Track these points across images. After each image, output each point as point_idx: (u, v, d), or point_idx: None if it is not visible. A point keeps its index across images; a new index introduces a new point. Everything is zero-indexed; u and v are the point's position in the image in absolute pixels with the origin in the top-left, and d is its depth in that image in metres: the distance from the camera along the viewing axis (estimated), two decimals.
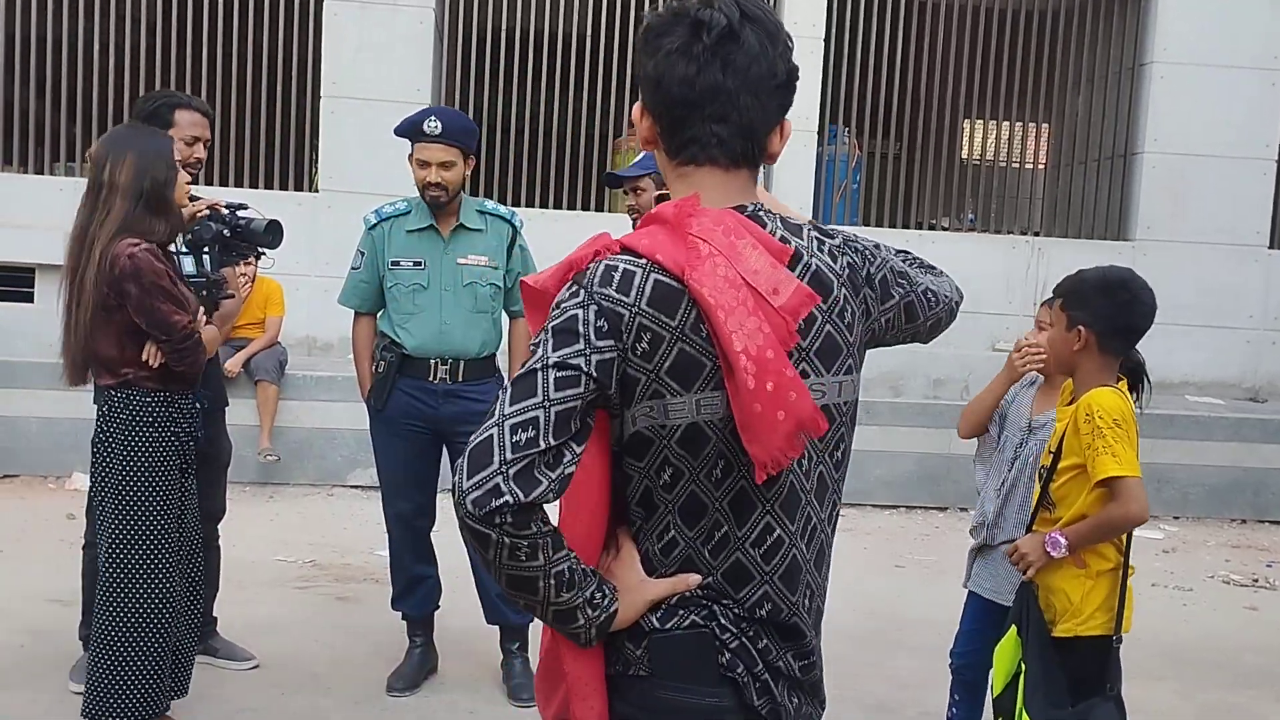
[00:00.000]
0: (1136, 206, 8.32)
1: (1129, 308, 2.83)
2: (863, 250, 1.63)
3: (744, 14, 1.52)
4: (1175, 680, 4.42)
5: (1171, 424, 7.03)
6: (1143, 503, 2.71)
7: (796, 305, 1.46)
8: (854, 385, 1.59)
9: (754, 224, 1.51)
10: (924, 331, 1.74)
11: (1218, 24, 8.14)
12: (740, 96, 1.52)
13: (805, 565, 1.56)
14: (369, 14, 7.77)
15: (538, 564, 1.43)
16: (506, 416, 1.41)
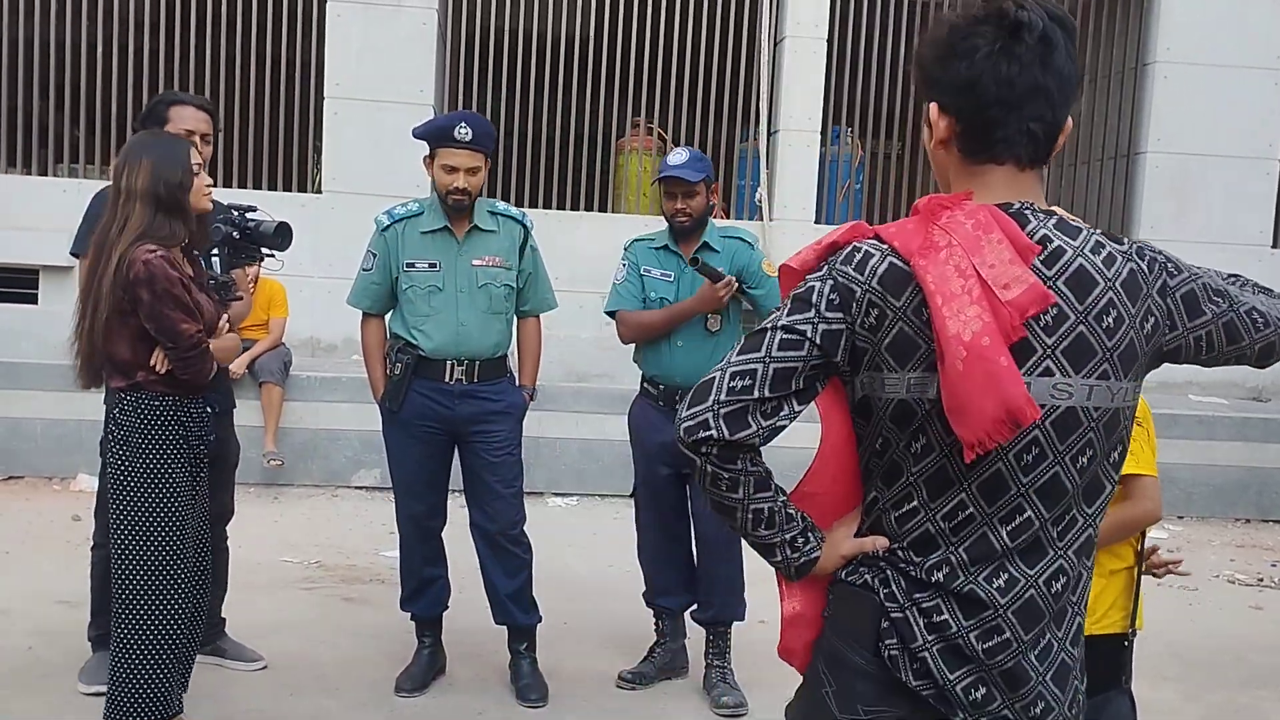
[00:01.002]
0: (1140, 206, 8.33)
1: None
2: (1161, 262, 1.63)
3: (1050, 15, 1.57)
4: (1181, 680, 4.42)
5: (1175, 424, 7.04)
6: (1156, 502, 2.72)
7: (1026, 303, 1.49)
8: (1112, 392, 1.57)
9: (1010, 220, 1.55)
10: (1253, 354, 1.72)
11: (1221, 24, 8.14)
12: (1055, 95, 1.57)
13: (1004, 547, 1.57)
14: (372, 15, 7.78)
15: (736, 497, 1.61)
16: (731, 364, 1.58)
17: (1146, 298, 1.59)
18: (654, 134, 8.67)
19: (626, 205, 8.69)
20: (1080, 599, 1.64)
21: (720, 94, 8.47)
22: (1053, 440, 1.55)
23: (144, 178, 3.11)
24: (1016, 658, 1.57)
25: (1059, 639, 1.61)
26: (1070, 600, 1.62)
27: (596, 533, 5.85)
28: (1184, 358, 1.68)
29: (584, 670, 4.19)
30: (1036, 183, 1.64)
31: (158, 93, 7.56)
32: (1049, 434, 1.54)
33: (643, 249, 4.13)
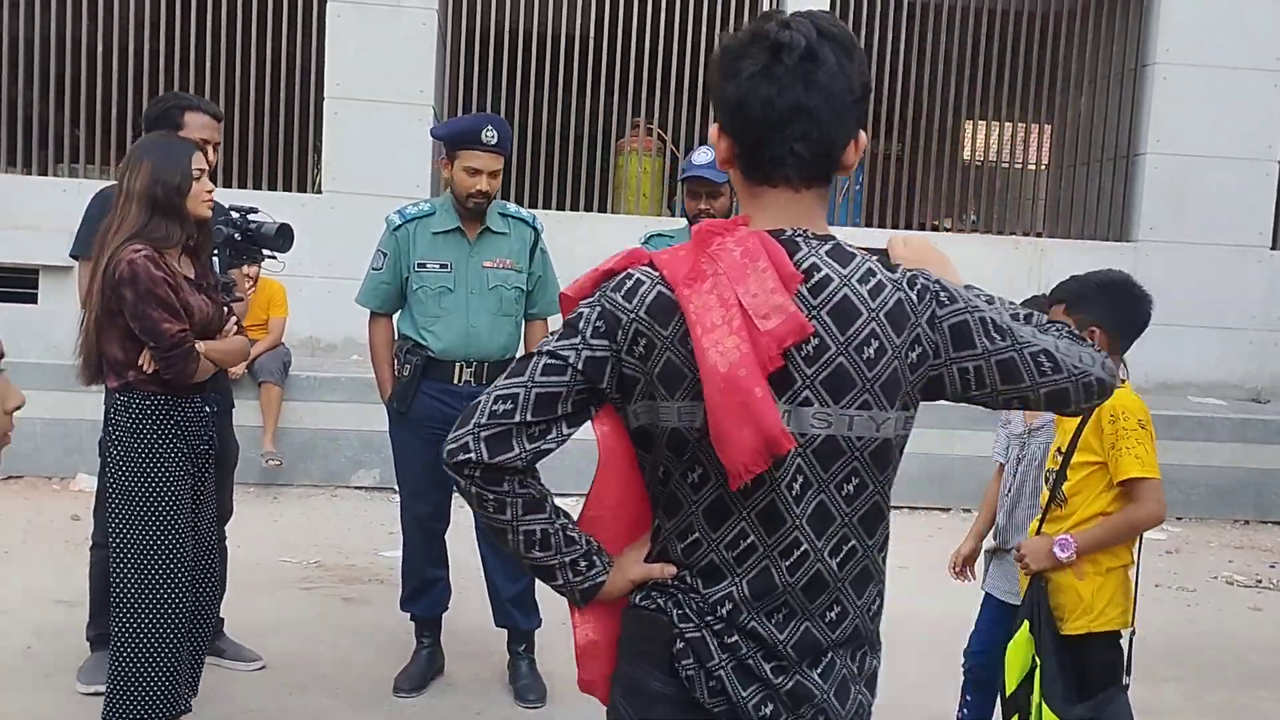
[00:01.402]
0: (1139, 207, 8.33)
1: (1136, 307, 2.88)
2: (934, 292, 1.60)
3: (820, 31, 1.55)
4: (1180, 681, 4.42)
5: (1174, 425, 7.03)
6: (1160, 505, 2.75)
7: (784, 334, 1.49)
8: (876, 422, 1.56)
9: (779, 248, 1.53)
10: (1038, 399, 1.65)
11: (1221, 25, 8.15)
12: (821, 114, 1.55)
13: (784, 584, 1.58)
14: (371, 15, 7.78)
15: (504, 518, 1.61)
16: (496, 388, 1.61)
17: (915, 327, 1.57)
18: (654, 134, 8.67)
19: (626, 205, 8.69)
20: (865, 618, 1.69)
21: None
22: (815, 469, 1.55)
23: (142, 179, 3.13)
24: (798, 678, 1.60)
25: (842, 657, 1.66)
26: (850, 625, 1.66)
27: None
28: (949, 391, 1.63)
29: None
30: (816, 203, 1.61)
31: (158, 93, 7.59)
32: (811, 463, 1.55)
33: (663, 244, 4.10)
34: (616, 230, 8.02)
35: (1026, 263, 8.11)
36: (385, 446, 6.49)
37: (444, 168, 3.89)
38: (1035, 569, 2.85)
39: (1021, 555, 2.89)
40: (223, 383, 3.86)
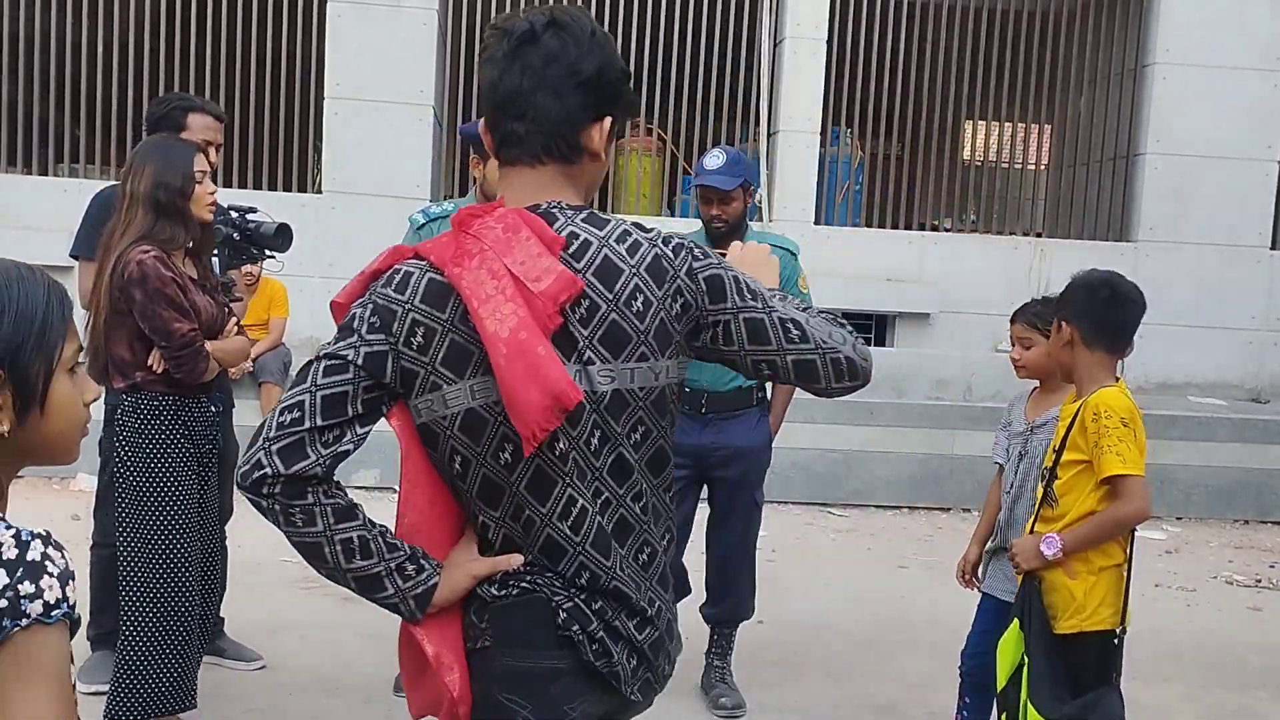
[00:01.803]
0: (1139, 208, 8.33)
1: (1110, 303, 2.88)
2: (689, 248, 1.69)
3: (552, 21, 1.63)
4: (1179, 681, 4.42)
5: (1174, 425, 7.04)
6: (1145, 501, 2.75)
7: (556, 290, 1.54)
8: (654, 372, 1.64)
9: (538, 219, 1.61)
10: (786, 369, 1.71)
11: (1220, 25, 8.15)
12: (536, 95, 1.63)
13: (609, 534, 1.65)
14: (372, 15, 7.79)
15: (316, 530, 1.59)
16: (280, 402, 1.60)
17: (674, 279, 1.65)
18: (654, 134, 8.67)
19: (626, 206, 8.69)
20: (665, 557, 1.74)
21: (720, 94, 8.48)
22: (609, 423, 1.62)
23: (145, 182, 3.15)
24: (656, 633, 1.70)
25: (662, 598, 1.73)
26: (659, 564, 1.72)
27: None
28: (703, 341, 1.70)
29: None
30: (560, 179, 1.68)
31: (158, 93, 7.59)
32: (604, 418, 1.61)
33: None
34: None
35: (1026, 263, 8.11)
36: (385, 446, 6.50)
37: (475, 166, 3.85)
38: (1026, 568, 2.86)
39: (1013, 554, 2.90)
40: (223, 383, 3.86)
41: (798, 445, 6.88)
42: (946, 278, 8.15)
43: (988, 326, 8.07)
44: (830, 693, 4.18)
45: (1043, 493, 2.91)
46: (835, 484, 6.99)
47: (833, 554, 6.06)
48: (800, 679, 4.26)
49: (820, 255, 7.88)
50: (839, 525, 6.65)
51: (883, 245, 8.31)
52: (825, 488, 6.98)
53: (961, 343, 8.13)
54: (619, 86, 1.69)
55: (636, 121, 8.56)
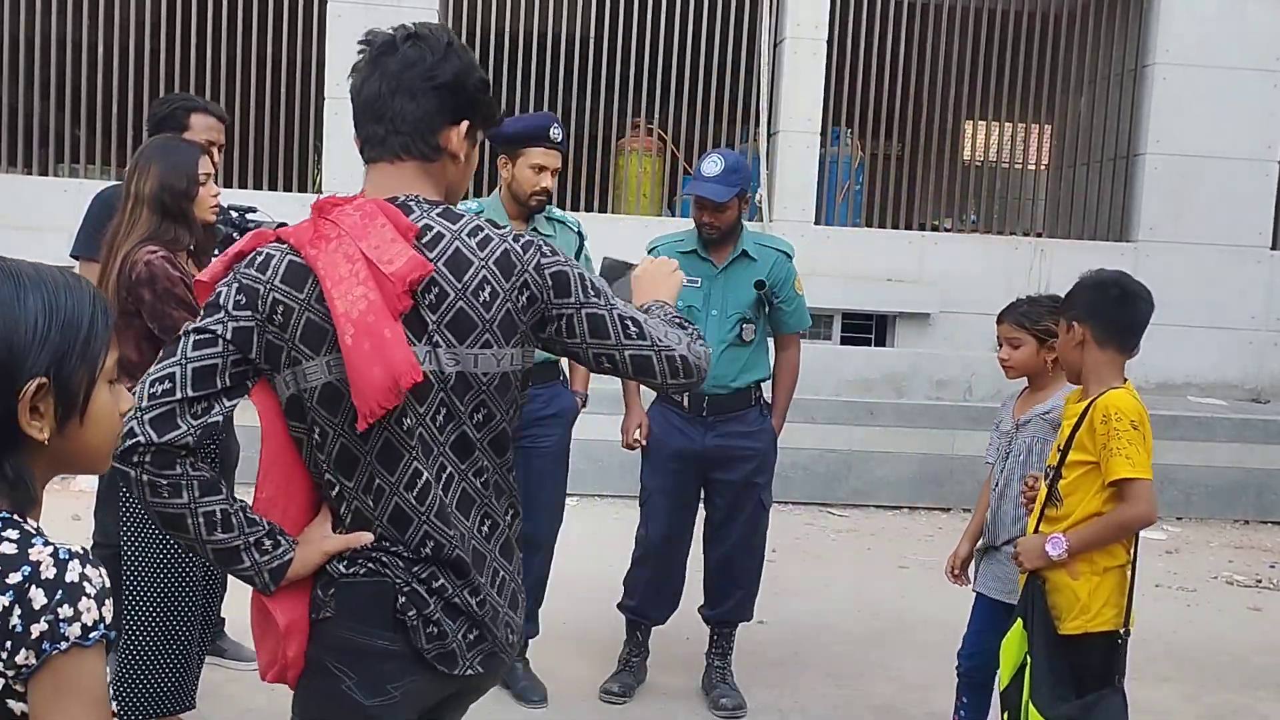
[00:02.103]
0: (1138, 208, 8.33)
1: (1121, 302, 2.89)
2: (538, 245, 1.83)
3: (412, 34, 1.78)
4: (1179, 681, 4.43)
5: (1174, 425, 7.04)
6: (1152, 504, 2.76)
7: (406, 271, 1.66)
8: (496, 359, 1.77)
9: (394, 209, 1.74)
10: (625, 364, 1.85)
11: (1220, 26, 8.15)
12: (394, 99, 1.78)
13: (453, 506, 1.76)
14: (372, 15, 7.78)
15: (181, 501, 1.66)
16: (150, 374, 1.68)
17: (522, 274, 1.78)
18: (654, 134, 8.67)
19: (626, 206, 8.70)
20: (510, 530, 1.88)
21: (720, 95, 8.48)
22: (455, 403, 1.74)
23: (151, 183, 3.16)
24: (489, 601, 1.81)
25: (505, 569, 1.86)
26: (500, 535, 1.85)
27: (596, 533, 5.86)
28: (549, 333, 1.83)
29: (582, 670, 4.20)
30: (419, 176, 1.81)
31: (159, 93, 7.59)
32: (450, 398, 1.73)
33: (669, 251, 3.97)
34: (617, 230, 8.03)
35: (1026, 263, 8.11)
36: None
37: (503, 167, 3.85)
38: (1029, 567, 2.86)
39: (1016, 553, 2.90)
40: None
41: (798, 445, 6.88)
42: (947, 278, 8.15)
43: (988, 327, 8.00)
44: (830, 693, 4.18)
45: (1046, 492, 2.91)
46: (835, 484, 6.99)
47: (833, 554, 6.06)
48: (800, 679, 4.26)
49: (820, 255, 7.89)
50: (839, 525, 6.65)
51: (883, 245, 8.31)
52: (825, 488, 6.98)
53: (962, 343, 8.13)
54: (476, 94, 1.83)
55: (637, 122, 8.56)
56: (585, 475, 6.53)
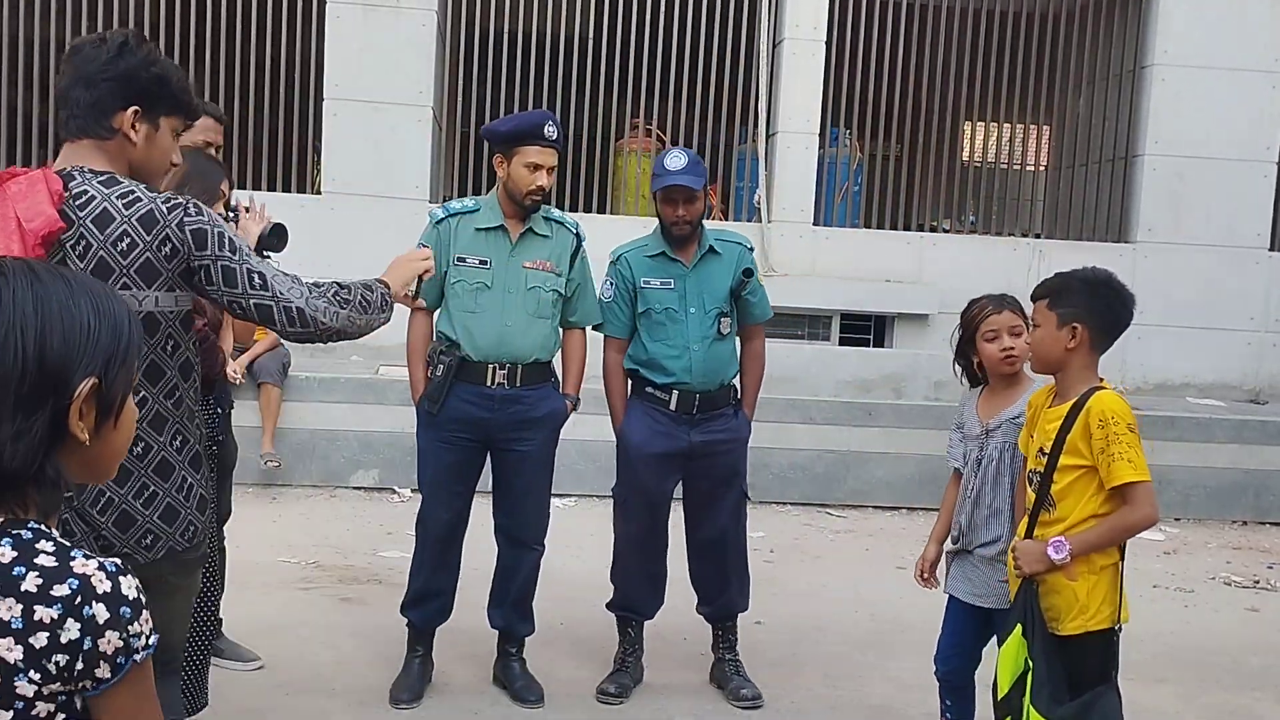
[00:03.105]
0: (1137, 209, 8.34)
1: (1117, 305, 2.89)
2: (184, 205, 2.24)
3: (100, 38, 2.24)
4: (1176, 682, 4.43)
5: (1172, 426, 7.05)
6: (1154, 507, 2.79)
7: (39, 228, 2.06)
8: (137, 299, 2.17)
9: (56, 178, 2.14)
10: (250, 308, 2.30)
11: (1219, 27, 8.16)
12: (74, 88, 2.23)
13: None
14: (372, 16, 7.79)
15: None
16: None
17: (164, 229, 2.20)
18: (653, 135, 8.68)
19: (625, 207, 8.70)
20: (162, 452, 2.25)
21: (719, 96, 8.49)
22: None
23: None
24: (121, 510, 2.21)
25: (162, 487, 2.25)
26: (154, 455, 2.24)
27: (594, 534, 5.86)
28: (196, 282, 2.27)
29: (579, 671, 4.20)
30: (95, 152, 2.24)
31: None
32: None
33: (637, 259, 4.01)
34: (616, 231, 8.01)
35: (1025, 264, 8.11)
36: (384, 447, 6.55)
37: (499, 165, 3.85)
38: (1029, 572, 2.84)
39: (1016, 559, 2.89)
40: (223, 385, 3.87)
41: (796, 446, 6.88)
42: (946, 278, 8.15)
43: None
44: (827, 693, 4.18)
45: (1036, 496, 2.90)
46: (834, 485, 6.99)
47: (831, 555, 6.06)
48: (798, 679, 4.26)
49: (819, 256, 7.90)
50: (837, 526, 6.65)
51: (882, 246, 8.31)
52: (824, 488, 6.98)
53: None
54: (148, 85, 2.24)
55: (636, 122, 8.56)
56: (584, 475, 6.54)
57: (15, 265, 1.30)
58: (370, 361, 7.32)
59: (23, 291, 1.26)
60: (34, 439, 1.23)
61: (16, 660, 1.18)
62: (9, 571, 1.20)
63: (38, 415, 1.24)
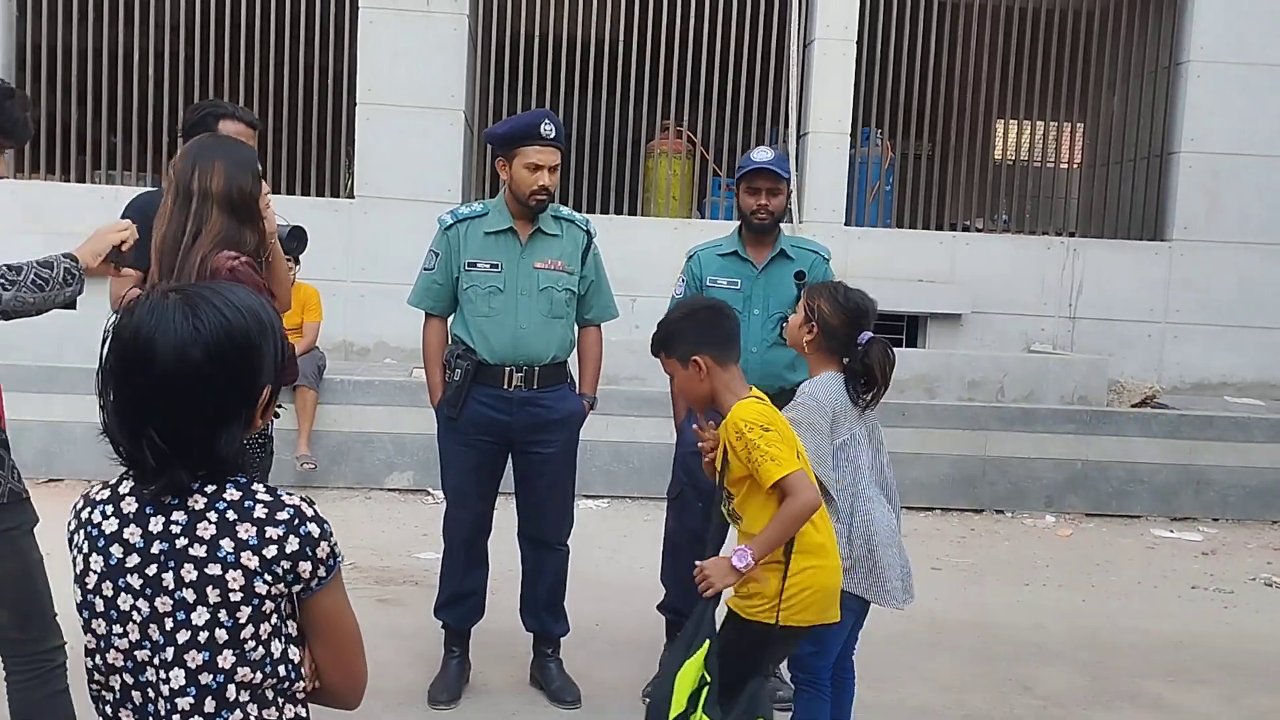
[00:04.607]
0: (1173, 206, 8.26)
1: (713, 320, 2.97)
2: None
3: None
4: (1217, 684, 4.38)
5: (1211, 425, 6.98)
6: (813, 491, 2.78)
7: None
8: None
9: None
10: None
11: (1255, 22, 8.07)
12: None
13: None
14: (403, 22, 7.84)
15: None
16: None
17: None
18: (683, 137, 8.68)
19: (656, 208, 8.71)
20: None
21: (749, 96, 8.48)
22: None
23: (219, 181, 2.93)
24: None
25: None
26: None
27: (627, 535, 5.87)
28: None
29: (616, 672, 4.21)
30: None
31: (193, 100, 7.68)
32: None
33: (708, 257, 4.04)
34: (646, 233, 8.05)
35: (1059, 263, 8.06)
36: (419, 449, 6.58)
37: (501, 169, 3.86)
38: (721, 587, 2.83)
39: (705, 577, 2.84)
40: None
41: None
42: (978, 278, 8.11)
43: (1021, 327, 8.02)
44: (864, 695, 4.16)
45: (726, 514, 2.94)
46: None
47: None
48: None
49: (851, 256, 7.88)
50: None
51: (914, 246, 8.28)
52: None
53: (994, 343, 8.09)
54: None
55: (666, 124, 8.58)
56: (616, 477, 6.55)
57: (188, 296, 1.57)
58: (404, 364, 7.36)
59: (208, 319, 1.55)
60: (237, 436, 1.61)
61: (255, 566, 1.57)
62: (241, 505, 1.59)
63: (243, 418, 1.61)
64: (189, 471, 1.59)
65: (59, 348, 7.00)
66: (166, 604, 1.59)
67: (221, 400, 1.58)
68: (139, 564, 1.62)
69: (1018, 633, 4.80)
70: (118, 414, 1.60)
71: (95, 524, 1.70)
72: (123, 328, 1.58)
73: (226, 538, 1.58)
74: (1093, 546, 6.34)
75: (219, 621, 1.57)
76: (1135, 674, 4.34)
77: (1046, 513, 6.88)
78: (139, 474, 1.63)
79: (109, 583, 1.65)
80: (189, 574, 1.58)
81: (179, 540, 1.59)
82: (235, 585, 1.57)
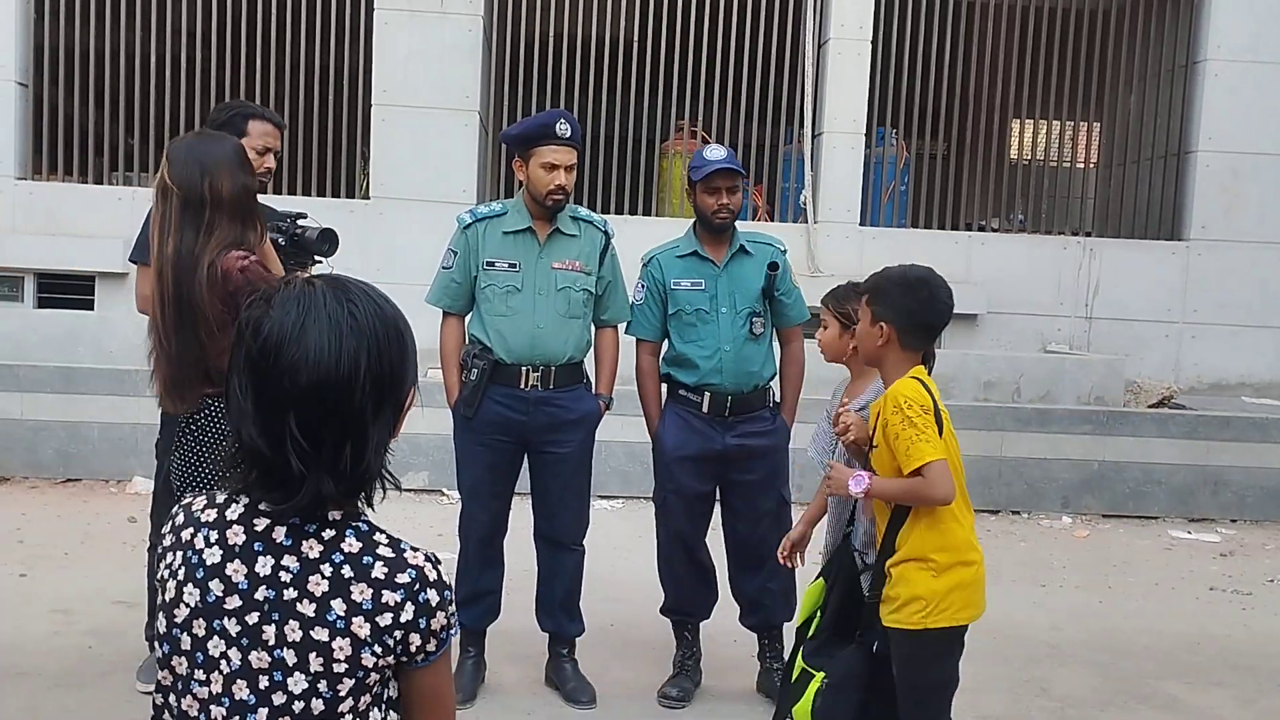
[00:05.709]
0: (1190, 206, 8.22)
1: (920, 302, 2.92)
2: None
3: None
4: (1234, 686, 4.36)
5: (1228, 426, 6.94)
6: (948, 486, 2.77)
7: None
8: None
9: None
10: None
11: (1273, 20, 8.03)
12: None
13: None
14: (419, 23, 7.86)
15: None
16: None
17: None
18: (698, 137, 8.68)
19: (671, 208, 8.71)
20: None
21: (764, 96, 8.48)
22: None
23: (229, 185, 2.99)
24: None
25: None
26: None
27: (642, 535, 5.87)
28: None
29: (631, 672, 4.21)
30: None
31: (209, 101, 7.72)
32: None
33: (668, 260, 4.00)
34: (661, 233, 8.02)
35: (1075, 262, 8.03)
36: (434, 449, 6.59)
37: (518, 169, 3.87)
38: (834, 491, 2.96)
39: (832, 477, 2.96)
40: None
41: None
42: (994, 278, 8.08)
43: (1037, 327, 7.99)
44: None
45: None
46: None
47: None
48: None
49: (866, 257, 7.86)
50: None
51: (929, 246, 8.25)
52: None
53: (1009, 344, 8.06)
54: None
55: (681, 124, 8.58)
56: (631, 477, 6.55)
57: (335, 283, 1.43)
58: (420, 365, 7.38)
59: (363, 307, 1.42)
60: (385, 443, 1.45)
61: (365, 635, 1.39)
62: (359, 561, 1.43)
63: (390, 423, 1.46)
64: (334, 482, 1.42)
65: (74, 349, 7.04)
66: (262, 660, 1.40)
67: (378, 397, 1.42)
68: (239, 608, 1.41)
69: (1034, 634, 4.79)
70: (257, 415, 1.39)
71: (197, 550, 1.44)
72: (263, 319, 1.39)
73: (339, 598, 1.40)
74: (1109, 548, 6.32)
75: (317, 691, 1.39)
76: (1152, 676, 4.32)
77: (1063, 514, 6.85)
78: (273, 486, 1.42)
79: (201, 620, 1.42)
80: (293, 633, 1.40)
81: (287, 591, 1.41)
82: (341, 655, 1.39)
